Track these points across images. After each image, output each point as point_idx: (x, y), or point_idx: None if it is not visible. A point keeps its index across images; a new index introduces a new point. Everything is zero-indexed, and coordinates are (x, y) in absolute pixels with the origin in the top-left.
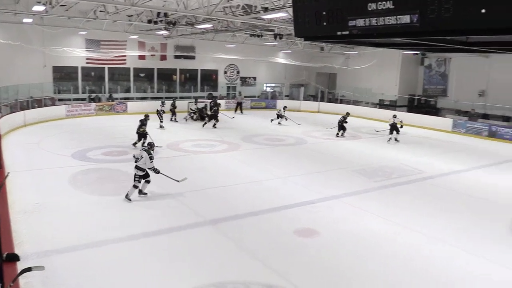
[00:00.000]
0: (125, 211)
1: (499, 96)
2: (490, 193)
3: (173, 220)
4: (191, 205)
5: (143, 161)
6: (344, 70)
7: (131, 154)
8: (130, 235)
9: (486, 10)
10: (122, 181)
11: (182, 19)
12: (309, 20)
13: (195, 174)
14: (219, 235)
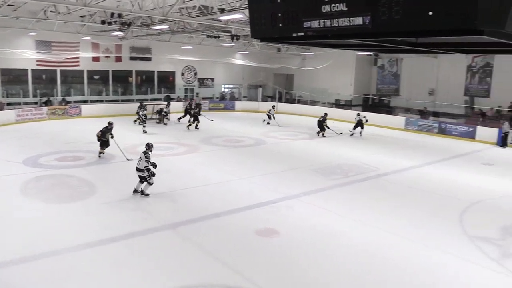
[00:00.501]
0: (81, 218)
1: (447, 94)
2: (440, 187)
3: (131, 225)
4: (150, 209)
5: (141, 162)
6: (301, 71)
7: (87, 159)
8: (86, 243)
9: (433, 12)
10: (78, 187)
11: (137, 20)
12: (265, 21)
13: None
14: (180, 239)
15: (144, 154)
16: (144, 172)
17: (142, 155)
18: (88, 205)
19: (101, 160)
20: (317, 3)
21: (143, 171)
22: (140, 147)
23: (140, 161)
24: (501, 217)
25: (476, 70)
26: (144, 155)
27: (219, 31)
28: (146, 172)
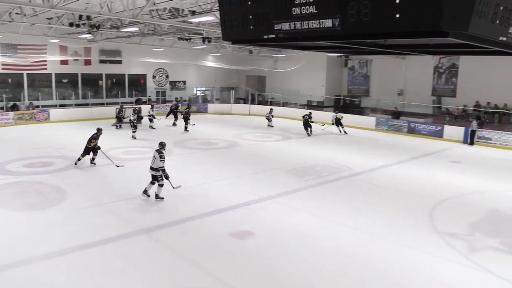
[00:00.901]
0: (52, 226)
1: (416, 94)
2: (411, 186)
3: (104, 231)
4: (123, 214)
5: (156, 162)
6: (273, 73)
7: (56, 164)
8: (57, 251)
9: (400, 15)
10: (47, 194)
11: (106, 22)
12: (236, 24)
13: (125, 182)
14: (155, 243)
15: (159, 153)
16: (158, 172)
17: (156, 154)
18: (58, 212)
19: (71, 166)
20: (288, 5)
21: (158, 170)
22: (112, 151)
23: (155, 160)
24: (469, 213)
25: (443, 70)
26: (159, 154)
27: (190, 34)
28: (160, 172)
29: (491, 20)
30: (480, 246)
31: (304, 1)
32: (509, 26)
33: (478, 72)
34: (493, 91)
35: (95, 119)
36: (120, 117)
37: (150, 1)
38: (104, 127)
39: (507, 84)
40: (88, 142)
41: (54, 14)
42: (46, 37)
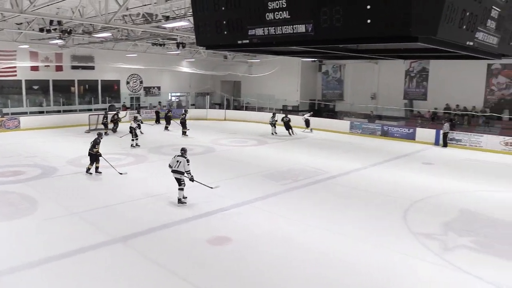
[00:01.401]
0: (23, 237)
1: (388, 98)
2: (385, 188)
3: (78, 241)
4: (97, 223)
5: (181, 165)
6: (248, 78)
7: (27, 173)
8: (29, 263)
9: (371, 20)
10: (18, 204)
11: (78, 28)
12: (210, 29)
13: (100, 190)
14: (131, 252)
15: (185, 158)
16: (183, 175)
17: (182, 159)
18: (30, 222)
19: (43, 175)
20: (261, 11)
21: (182, 173)
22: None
23: (179, 164)
24: (442, 213)
25: (414, 74)
26: (185, 159)
27: (164, 39)
28: (184, 175)
29: (458, 26)
30: (453, 246)
31: (278, 7)
32: (475, 31)
33: (448, 76)
34: (462, 94)
35: (67, 126)
36: (115, 121)
37: (123, 6)
38: (77, 134)
39: (475, 88)
40: (90, 149)
41: (24, 19)
42: (15, 43)
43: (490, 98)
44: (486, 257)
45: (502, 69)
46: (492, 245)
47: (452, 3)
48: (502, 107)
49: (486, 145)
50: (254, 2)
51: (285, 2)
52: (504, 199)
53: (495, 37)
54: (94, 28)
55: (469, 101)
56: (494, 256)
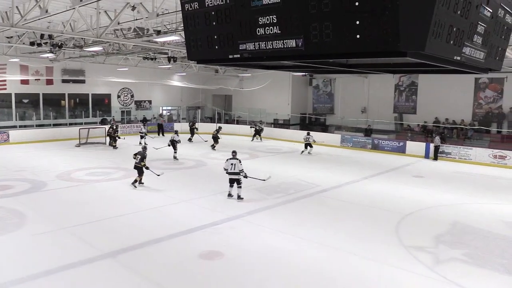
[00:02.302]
0: (11, 253)
1: (378, 111)
2: (376, 201)
3: (67, 257)
4: (87, 238)
5: (237, 167)
6: (239, 92)
7: (16, 188)
8: (17, 279)
9: (361, 36)
10: (6, 219)
11: (69, 42)
12: (201, 43)
13: (90, 205)
14: (121, 267)
15: (237, 159)
16: (239, 175)
17: (235, 161)
18: (18, 237)
19: (31, 189)
20: (252, 26)
21: (238, 174)
22: (75, 173)
23: (234, 166)
24: (433, 226)
25: (403, 88)
26: (238, 160)
27: (155, 53)
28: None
29: (445, 41)
30: (444, 258)
31: (268, 22)
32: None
33: (436, 89)
34: (451, 107)
35: (57, 140)
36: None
37: (114, 21)
38: (67, 148)
39: (464, 101)
40: (138, 162)
41: (15, 32)
42: (5, 56)
43: (478, 112)
44: (477, 270)
45: (489, 83)
46: (483, 257)
47: (439, 19)
48: (490, 120)
49: (475, 157)
50: (245, 17)
51: (276, 18)
52: (494, 211)
53: (481, 52)
54: (85, 42)
55: (457, 114)
56: (484, 269)
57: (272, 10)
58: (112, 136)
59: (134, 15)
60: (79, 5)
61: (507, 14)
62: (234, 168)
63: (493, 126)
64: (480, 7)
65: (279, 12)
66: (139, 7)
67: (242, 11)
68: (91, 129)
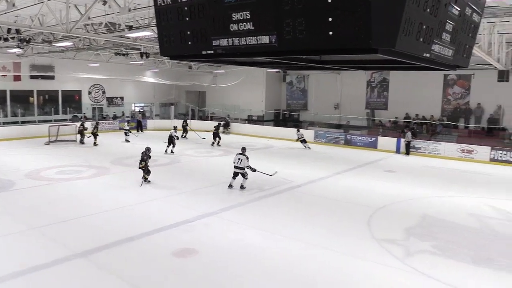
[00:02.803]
0: None
1: (351, 107)
2: (349, 195)
3: (36, 257)
4: (58, 238)
5: (243, 163)
6: (213, 88)
7: None
8: None
9: (333, 32)
10: None
11: (38, 36)
12: (174, 39)
13: (60, 204)
14: (94, 267)
15: (245, 156)
16: (244, 169)
17: (243, 157)
18: None
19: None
20: (225, 22)
21: (243, 168)
22: (44, 171)
23: (241, 162)
24: (404, 219)
25: (375, 85)
26: (245, 157)
27: (127, 49)
28: (244, 170)
29: (415, 38)
30: (415, 250)
31: (241, 18)
32: (431, 44)
33: (407, 86)
34: (421, 103)
35: (25, 138)
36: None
37: (85, 15)
38: (36, 145)
39: (433, 97)
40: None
41: None
42: None
43: (447, 107)
44: (446, 261)
45: (457, 79)
46: (451, 248)
47: (409, 16)
48: (458, 115)
49: (444, 152)
50: (218, 12)
51: (249, 13)
52: (462, 204)
53: (450, 49)
54: (55, 37)
55: (427, 110)
56: (453, 260)
57: (246, 6)
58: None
59: (105, 9)
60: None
61: (474, 13)
62: (240, 163)
63: (461, 121)
64: (449, 6)
65: (253, 8)
66: (111, 1)
67: (215, 6)
68: (61, 127)
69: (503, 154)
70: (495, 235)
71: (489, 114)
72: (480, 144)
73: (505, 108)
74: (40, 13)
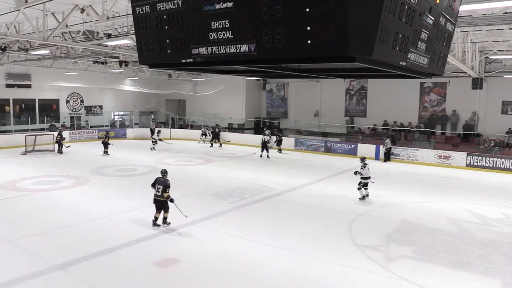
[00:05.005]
0: None
1: (330, 115)
2: (330, 202)
3: (14, 270)
4: (35, 250)
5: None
6: (193, 96)
7: None
8: None
9: (312, 41)
10: None
11: (14, 44)
12: (153, 47)
13: (37, 215)
14: (73, 279)
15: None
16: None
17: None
18: None
19: None
20: (204, 30)
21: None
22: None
23: (364, 170)
24: (384, 225)
25: (353, 93)
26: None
27: (106, 57)
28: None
29: (392, 47)
30: (395, 256)
31: (221, 27)
32: (407, 52)
33: (385, 93)
34: (398, 110)
35: (1, 148)
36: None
37: (62, 23)
38: (12, 156)
39: (410, 104)
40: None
41: None
42: None
43: (424, 114)
44: (425, 265)
45: (433, 87)
46: (430, 253)
47: (385, 25)
48: (434, 122)
49: (422, 158)
50: (197, 21)
51: (228, 22)
52: (440, 209)
53: (425, 58)
54: (31, 45)
55: (405, 117)
56: (432, 264)
57: (225, 15)
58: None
59: (83, 17)
60: (24, 7)
61: (448, 22)
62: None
63: (438, 128)
64: (423, 15)
65: (232, 17)
66: (89, 9)
67: (194, 15)
68: (38, 136)
69: (478, 159)
70: (473, 239)
71: (464, 121)
72: (457, 150)
73: (479, 114)
74: (16, 21)
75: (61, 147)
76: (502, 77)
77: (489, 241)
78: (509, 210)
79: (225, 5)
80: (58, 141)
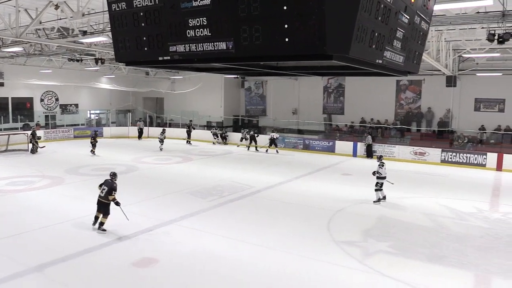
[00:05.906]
0: None
1: (309, 113)
2: (308, 199)
3: None
4: (9, 253)
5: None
6: (171, 94)
7: None
8: None
9: (289, 39)
10: None
11: None
12: (129, 45)
13: (11, 217)
14: (50, 282)
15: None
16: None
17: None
18: None
19: None
20: (182, 27)
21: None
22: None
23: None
24: (362, 221)
25: (331, 90)
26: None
27: (81, 54)
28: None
29: (368, 45)
30: (373, 251)
31: (198, 24)
32: (384, 51)
33: (362, 91)
34: (375, 108)
35: None
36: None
37: (36, 20)
38: None
39: (386, 102)
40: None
41: None
42: None
43: (400, 112)
44: (403, 260)
45: (409, 84)
46: (407, 247)
47: (362, 24)
48: (410, 119)
49: (398, 155)
50: (174, 18)
51: (206, 20)
52: (416, 204)
53: (401, 56)
54: (4, 42)
55: (382, 114)
56: (409, 258)
57: (202, 12)
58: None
59: (57, 14)
60: None
61: (423, 21)
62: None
63: (413, 125)
64: (399, 14)
65: (209, 14)
66: (63, 6)
67: (171, 12)
68: (12, 136)
69: (453, 155)
70: (448, 233)
71: (439, 118)
72: (432, 147)
73: (453, 111)
74: None
75: (35, 147)
76: (475, 75)
77: (463, 235)
78: (481, 204)
79: (203, 2)
80: (31, 140)
